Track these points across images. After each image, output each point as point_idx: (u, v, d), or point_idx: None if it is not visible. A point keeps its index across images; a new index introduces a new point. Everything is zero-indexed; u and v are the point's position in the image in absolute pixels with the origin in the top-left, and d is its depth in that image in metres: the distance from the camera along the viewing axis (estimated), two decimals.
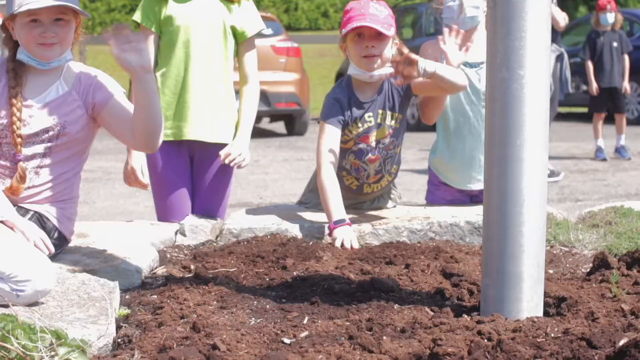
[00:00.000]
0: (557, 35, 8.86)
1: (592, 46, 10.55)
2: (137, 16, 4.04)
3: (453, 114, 4.18)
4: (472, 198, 4.28)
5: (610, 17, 10.53)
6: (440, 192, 4.33)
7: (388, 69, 3.83)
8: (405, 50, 3.71)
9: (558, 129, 13.01)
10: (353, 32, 3.79)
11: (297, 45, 13.35)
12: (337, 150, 3.84)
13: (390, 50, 3.83)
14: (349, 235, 3.62)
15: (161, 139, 3.22)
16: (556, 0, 8.85)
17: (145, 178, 3.97)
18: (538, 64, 2.58)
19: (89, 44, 15.67)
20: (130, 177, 3.96)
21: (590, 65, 10.47)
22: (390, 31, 3.77)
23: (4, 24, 3.24)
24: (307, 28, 28.93)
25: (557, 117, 10.49)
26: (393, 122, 3.92)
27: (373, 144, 3.93)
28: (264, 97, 12.44)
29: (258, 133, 13.24)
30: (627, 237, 3.68)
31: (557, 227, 3.86)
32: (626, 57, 10.58)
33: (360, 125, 3.90)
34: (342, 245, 3.58)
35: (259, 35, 4.23)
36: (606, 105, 10.67)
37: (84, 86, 3.26)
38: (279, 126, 14.45)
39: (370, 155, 3.95)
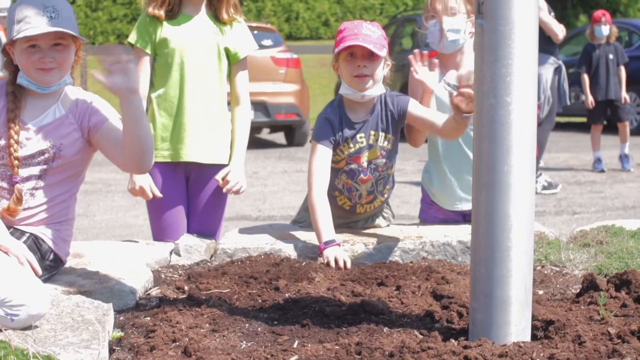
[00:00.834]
0: (555, 47, 8.89)
1: (588, 59, 10.56)
2: (132, 38, 4.07)
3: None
4: (465, 217, 4.29)
5: (605, 29, 10.55)
6: (432, 211, 4.35)
7: (380, 90, 3.87)
8: (466, 85, 3.38)
9: (557, 139, 13.04)
10: (345, 51, 3.82)
11: (296, 56, 13.41)
12: (328, 171, 3.87)
13: (382, 70, 3.86)
14: (340, 254, 3.63)
15: (152, 160, 3.25)
16: (554, 12, 8.88)
17: (156, 192, 4.02)
18: (525, 91, 2.61)
19: (90, 54, 15.67)
20: (138, 194, 4.02)
21: (586, 78, 10.49)
22: (383, 52, 3.79)
23: (4, 48, 3.29)
24: (308, 37, 28.96)
25: (556, 126, 10.50)
26: (386, 143, 3.94)
27: (364, 164, 3.95)
28: (264, 108, 12.52)
29: (258, 144, 13.28)
30: (617, 257, 3.70)
31: (549, 246, 3.88)
32: (622, 68, 10.61)
33: (351, 145, 3.92)
34: (336, 262, 3.57)
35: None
36: (603, 117, 10.69)
37: (80, 110, 3.30)
38: (279, 137, 14.48)
39: (362, 175, 3.97)
